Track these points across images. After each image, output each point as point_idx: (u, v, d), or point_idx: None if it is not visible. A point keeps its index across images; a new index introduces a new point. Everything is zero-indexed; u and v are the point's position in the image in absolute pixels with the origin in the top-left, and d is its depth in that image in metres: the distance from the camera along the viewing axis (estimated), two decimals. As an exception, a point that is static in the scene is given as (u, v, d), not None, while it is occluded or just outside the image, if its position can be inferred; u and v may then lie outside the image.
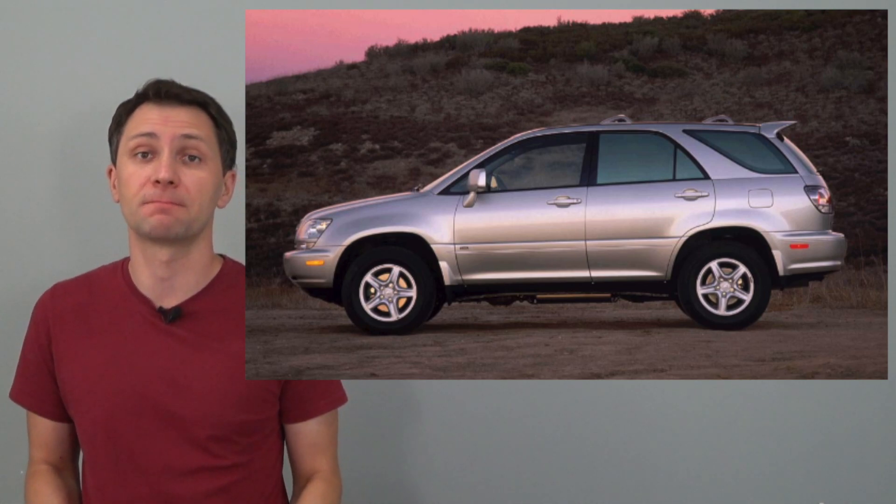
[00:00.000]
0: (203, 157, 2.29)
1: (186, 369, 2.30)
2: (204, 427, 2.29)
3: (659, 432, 3.33)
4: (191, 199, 2.26)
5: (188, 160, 2.27)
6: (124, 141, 2.29)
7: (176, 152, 2.25)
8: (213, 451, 2.31)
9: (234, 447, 2.34)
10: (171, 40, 3.04)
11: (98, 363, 2.32)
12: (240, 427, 2.33)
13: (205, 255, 2.39)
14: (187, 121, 2.28)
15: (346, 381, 3.10)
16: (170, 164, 2.23)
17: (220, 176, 2.36)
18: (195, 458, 2.30)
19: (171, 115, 2.27)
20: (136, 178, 2.24)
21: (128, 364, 2.30)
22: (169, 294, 2.35)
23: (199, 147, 2.28)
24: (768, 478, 3.32)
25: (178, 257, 2.33)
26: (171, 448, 2.29)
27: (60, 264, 2.85)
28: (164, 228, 2.24)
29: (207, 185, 2.29)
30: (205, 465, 2.31)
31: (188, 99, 2.30)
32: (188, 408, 2.28)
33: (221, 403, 2.30)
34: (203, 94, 2.35)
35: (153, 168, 2.23)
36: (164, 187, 2.22)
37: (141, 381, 2.29)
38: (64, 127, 2.99)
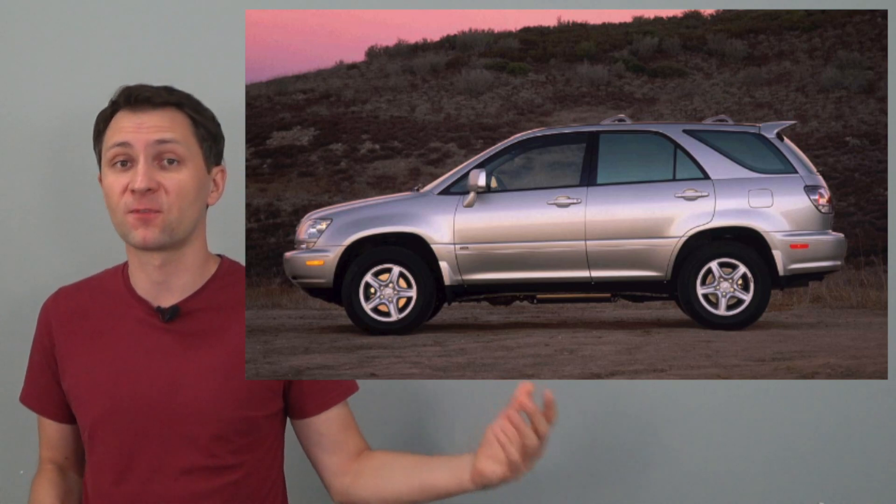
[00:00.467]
0: (181, 159, 2.26)
1: (184, 367, 2.30)
2: (202, 425, 2.29)
3: (659, 432, 3.33)
4: (170, 202, 2.24)
5: (166, 164, 2.25)
6: (104, 151, 2.28)
7: (152, 158, 2.23)
8: (212, 450, 2.30)
9: (231, 446, 2.33)
10: (170, 40, 3.03)
11: (98, 364, 2.33)
12: (239, 424, 2.33)
13: (199, 255, 2.39)
14: (160, 125, 2.25)
15: (346, 381, 3.10)
16: (145, 171, 2.21)
17: (204, 174, 2.33)
18: (193, 457, 2.29)
19: (145, 122, 2.24)
20: (116, 188, 2.24)
21: (126, 364, 2.31)
22: (166, 294, 2.36)
23: (175, 150, 2.25)
24: (768, 478, 3.32)
25: (171, 260, 2.33)
26: (168, 447, 2.29)
27: (58, 269, 2.84)
28: (149, 240, 2.24)
29: (187, 186, 2.26)
30: (203, 464, 2.30)
31: (160, 102, 2.27)
32: (186, 406, 2.28)
33: (220, 401, 2.30)
34: (176, 92, 2.32)
35: (131, 177, 2.22)
36: (142, 195, 2.21)
37: (139, 380, 2.29)
38: (60, 129, 2.99)
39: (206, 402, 2.29)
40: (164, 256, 2.31)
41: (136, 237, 2.24)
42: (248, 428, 2.35)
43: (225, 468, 2.33)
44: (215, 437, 2.30)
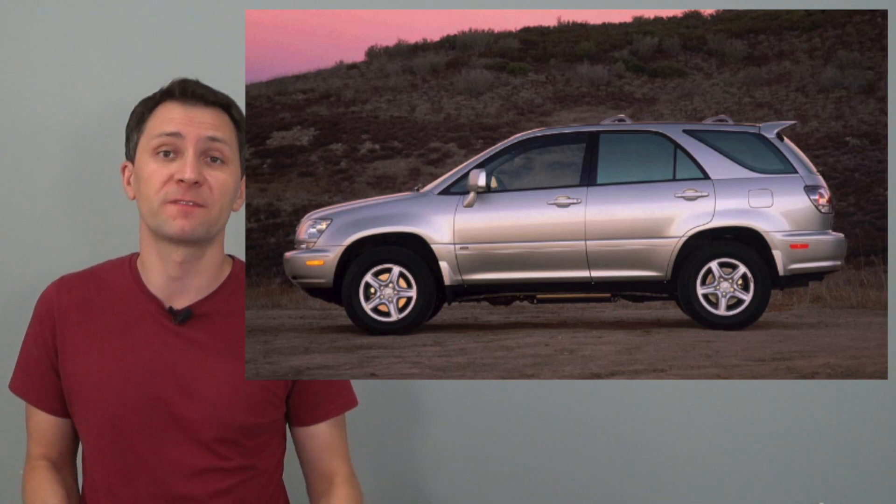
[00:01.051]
0: (225, 160, 2.29)
1: (195, 372, 2.30)
2: (211, 429, 2.30)
3: (659, 432, 3.33)
4: (213, 199, 2.26)
5: (211, 161, 2.27)
6: (146, 139, 2.28)
7: (200, 153, 2.25)
8: (220, 452, 2.32)
9: (239, 449, 2.35)
10: (171, 40, 3.04)
11: (106, 361, 2.31)
12: (246, 430, 2.34)
13: (217, 258, 2.40)
14: (212, 122, 2.28)
15: (346, 381, 3.10)
16: (195, 164, 2.23)
17: (240, 179, 2.37)
18: (201, 459, 2.30)
19: (196, 116, 2.26)
20: (158, 177, 2.23)
21: (136, 364, 2.30)
22: (180, 295, 2.35)
23: (222, 150, 2.28)
24: (768, 478, 3.32)
25: (192, 259, 2.33)
26: (177, 449, 2.30)
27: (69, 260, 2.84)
28: (187, 232, 2.24)
29: (229, 187, 2.30)
30: (211, 466, 2.31)
31: (213, 100, 2.30)
32: (196, 410, 2.29)
33: (229, 406, 2.30)
34: (226, 96, 2.35)
35: (177, 167, 2.23)
36: (189, 187, 2.22)
37: (149, 381, 2.29)
38: (67, 125, 2.99)
39: (215, 407, 2.29)
40: (187, 253, 2.31)
41: (175, 226, 2.23)
42: (255, 432, 2.36)
43: (234, 470, 2.34)
44: (224, 440, 2.31)
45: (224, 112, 2.32)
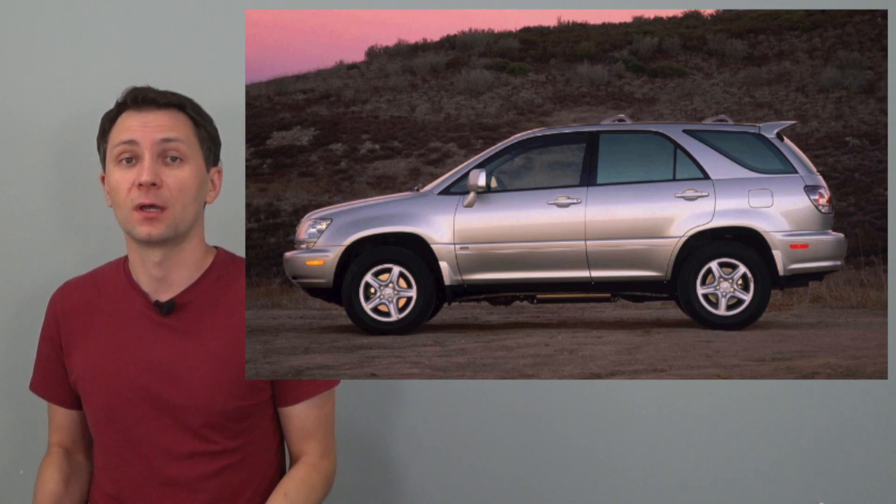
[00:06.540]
0: (183, 157, 2.39)
1: (179, 359, 2.42)
2: (197, 414, 2.42)
3: (659, 432, 3.33)
4: (174, 199, 2.37)
5: (170, 161, 2.38)
6: (110, 149, 2.41)
7: (157, 155, 2.36)
8: (207, 436, 2.44)
9: (227, 433, 2.45)
10: (171, 40, 3.04)
11: (100, 354, 2.47)
12: (232, 413, 2.45)
13: (197, 250, 2.50)
14: (165, 124, 2.38)
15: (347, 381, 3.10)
16: (151, 167, 2.34)
17: (204, 173, 2.46)
18: (190, 443, 2.43)
19: (150, 121, 2.37)
20: (123, 184, 2.36)
21: (126, 355, 2.45)
22: (165, 289, 2.47)
23: (178, 148, 2.38)
24: (768, 478, 3.32)
25: (170, 256, 2.44)
26: (167, 434, 2.43)
27: (61, 264, 2.88)
28: (154, 236, 2.37)
29: (189, 183, 2.39)
30: (199, 450, 2.44)
31: (164, 102, 2.40)
32: (181, 396, 2.41)
33: (213, 391, 2.42)
34: (179, 95, 2.44)
35: (137, 172, 2.35)
36: (148, 189, 2.33)
37: (138, 370, 2.43)
38: (63, 127, 3.00)
39: (199, 392, 2.41)
40: (164, 252, 2.43)
41: (142, 232, 2.36)
42: (241, 415, 2.47)
43: (223, 452, 2.46)
44: (211, 424, 2.43)
45: (178, 111, 2.42)
